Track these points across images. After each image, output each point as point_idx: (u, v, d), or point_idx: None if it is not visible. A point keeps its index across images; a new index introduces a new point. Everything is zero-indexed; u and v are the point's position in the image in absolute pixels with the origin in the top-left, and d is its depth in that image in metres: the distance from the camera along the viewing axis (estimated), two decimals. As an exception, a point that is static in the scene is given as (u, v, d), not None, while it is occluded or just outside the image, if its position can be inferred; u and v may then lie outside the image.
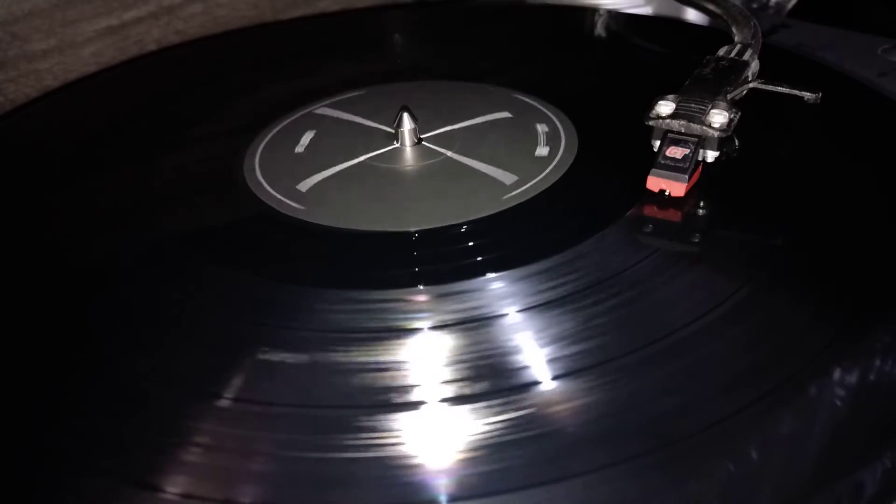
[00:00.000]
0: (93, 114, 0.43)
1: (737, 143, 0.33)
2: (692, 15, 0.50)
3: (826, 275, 0.28)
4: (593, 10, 0.51)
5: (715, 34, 0.39)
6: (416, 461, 0.21)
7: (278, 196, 0.33)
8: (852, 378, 0.23)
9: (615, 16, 0.50)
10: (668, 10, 0.51)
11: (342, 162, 0.35)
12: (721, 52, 0.35)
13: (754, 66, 0.35)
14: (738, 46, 0.35)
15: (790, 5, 0.58)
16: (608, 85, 0.42)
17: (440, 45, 0.50)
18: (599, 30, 0.50)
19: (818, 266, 0.28)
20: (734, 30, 0.37)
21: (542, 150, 0.34)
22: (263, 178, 0.35)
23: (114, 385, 0.25)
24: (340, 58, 0.48)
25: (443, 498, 0.20)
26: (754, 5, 0.58)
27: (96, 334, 0.27)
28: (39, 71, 0.48)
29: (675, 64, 0.35)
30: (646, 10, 0.52)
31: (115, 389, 0.25)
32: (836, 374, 0.23)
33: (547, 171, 0.33)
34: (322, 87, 0.43)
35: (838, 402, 0.23)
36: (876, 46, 0.46)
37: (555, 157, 0.34)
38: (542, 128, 0.36)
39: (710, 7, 0.41)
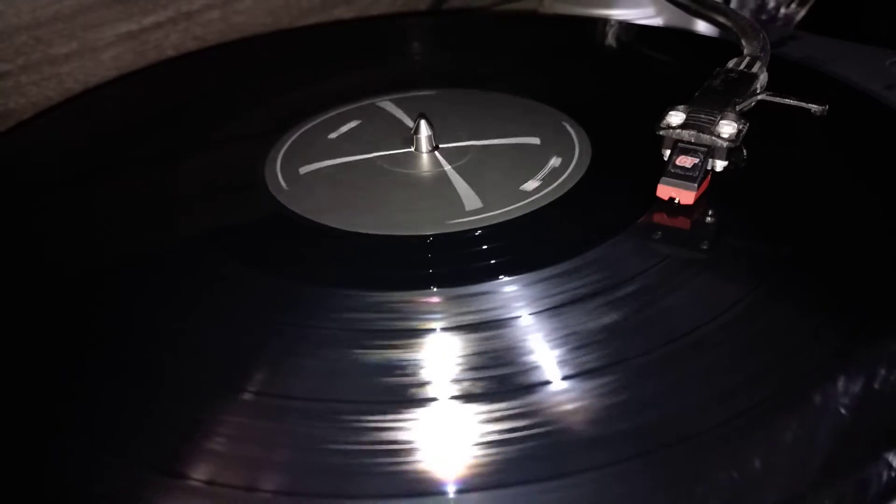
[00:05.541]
0: (114, 117, 0.45)
1: (745, 153, 0.34)
2: (702, 27, 0.50)
3: (832, 284, 0.28)
4: (605, 22, 0.52)
5: (725, 46, 0.40)
6: (424, 454, 0.22)
7: (280, 181, 0.35)
8: (856, 387, 0.24)
9: (626, 27, 0.51)
10: (679, 21, 0.51)
11: (353, 154, 0.37)
12: (730, 64, 0.36)
13: (763, 78, 0.35)
14: (748, 59, 0.36)
15: (799, 17, 0.58)
16: (622, 95, 0.43)
17: (453, 53, 0.51)
18: (610, 41, 0.50)
19: (825, 275, 0.28)
20: (743, 42, 0.38)
21: (531, 184, 0.34)
22: (281, 173, 0.36)
23: (133, 376, 0.26)
24: (357, 64, 0.49)
25: (450, 490, 0.21)
26: (763, 17, 0.59)
27: (120, 328, 0.28)
28: (61, 74, 0.49)
29: (688, 75, 0.36)
30: (657, 22, 0.53)
31: (135, 380, 0.26)
32: (841, 381, 0.24)
33: (521, 203, 0.33)
34: (337, 91, 0.44)
35: (842, 410, 0.23)
36: (884, 59, 0.46)
37: (544, 189, 0.34)
38: (554, 161, 0.36)
39: (720, 19, 0.41)
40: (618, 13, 0.53)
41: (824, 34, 0.51)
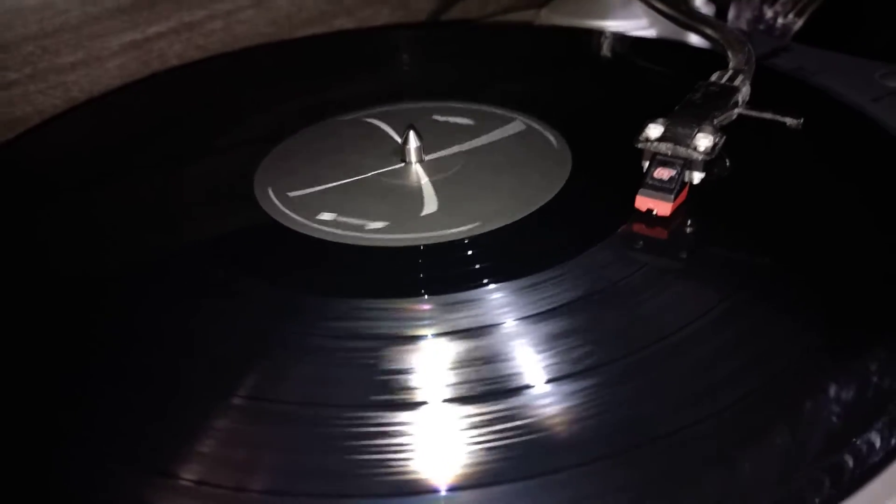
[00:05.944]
0: (118, 125, 0.46)
1: (728, 164, 0.35)
2: (695, 38, 0.51)
3: (810, 295, 0.29)
4: (599, 33, 0.53)
5: (718, 57, 0.40)
6: (412, 455, 0.23)
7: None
8: (824, 392, 0.24)
9: (620, 38, 0.52)
10: (672, 33, 0.52)
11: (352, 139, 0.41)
12: (713, 77, 0.36)
13: (745, 91, 0.36)
14: (731, 72, 0.37)
15: (797, 28, 0.59)
16: (613, 105, 0.43)
17: (451, 63, 0.52)
18: (605, 51, 0.51)
19: (802, 286, 0.29)
20: (729, 55, 0.39)
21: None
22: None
23: (137, 382, 0.27)
24: (355, 74, 0.50)
25: (440, 488, 0.22)
26: (761, 27, 0.59)
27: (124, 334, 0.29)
28: (66, 83, 0.50)
29: (680, 86, 0.36)
30: (650, 33, 0.54)
31: (139, 386, 0.26)
32: (811, 385, 0.25)
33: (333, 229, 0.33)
34: (340, 100, 0.45)
35: (808, 414, 0.24)
36: (874, 71, 0.46)
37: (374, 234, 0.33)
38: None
39: (708, 31, 0.42)
40: (612, 24, 0.54)
41: (823, 45, 0.51)
